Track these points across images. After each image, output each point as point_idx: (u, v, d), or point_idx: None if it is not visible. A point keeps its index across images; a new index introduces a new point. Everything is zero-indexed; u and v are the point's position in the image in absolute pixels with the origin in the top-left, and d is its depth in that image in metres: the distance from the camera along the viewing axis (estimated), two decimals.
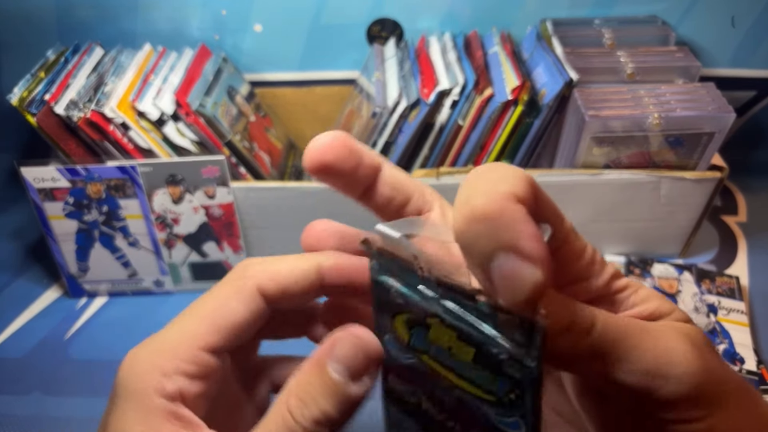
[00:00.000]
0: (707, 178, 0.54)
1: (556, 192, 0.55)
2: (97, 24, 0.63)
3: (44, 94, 0.52)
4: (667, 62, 0.56)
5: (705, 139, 0.52)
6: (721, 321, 0.51)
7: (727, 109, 0.51)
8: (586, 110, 0.51)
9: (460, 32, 0.63)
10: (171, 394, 0.22)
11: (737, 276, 0.56)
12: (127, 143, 0.53)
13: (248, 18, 0.63)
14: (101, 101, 0.53)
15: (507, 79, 0.55)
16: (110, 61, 0.58)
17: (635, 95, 0.53)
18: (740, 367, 0.47)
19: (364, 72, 0.63)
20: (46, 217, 0.55)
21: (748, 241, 0.63)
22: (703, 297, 0.53)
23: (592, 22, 0.62)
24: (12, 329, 0.57)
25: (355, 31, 0.64)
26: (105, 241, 0.57)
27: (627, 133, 0.52)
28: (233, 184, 0.55)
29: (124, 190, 0.54)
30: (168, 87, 0.55)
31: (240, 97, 0.62)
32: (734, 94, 0.63)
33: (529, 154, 0.57)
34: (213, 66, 0.60)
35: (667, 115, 0.51)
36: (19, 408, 0.50)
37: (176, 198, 0.55)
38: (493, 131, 0.55)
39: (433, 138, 0.56)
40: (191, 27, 0.64)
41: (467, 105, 0.54)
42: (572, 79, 0.53)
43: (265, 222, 0.57)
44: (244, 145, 0.58)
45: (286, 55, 0.66)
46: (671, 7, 0.62)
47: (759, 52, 0.63)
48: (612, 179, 0.54)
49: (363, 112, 0.58)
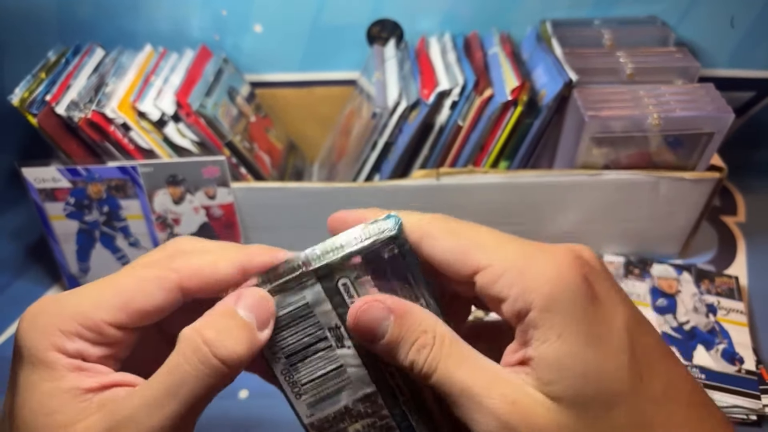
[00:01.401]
0: (706, 178, 0.54)
1: (556, 192, 0.55)
2: (97, 24, 0.63)
3: (45, 95, 0.52)
4: (666, 63, 0.57)
5: (704, 140, 0.52)
6: (721, 321, 0.51)
7: (726, 109, 0.51)
8: (586, 111, 0.51)
9: (460, 33, 0.64)
10: (71, 353, 0.23)
11: (736, 276, 0.56)
12: (128, 144, 0.54)
13: (248, 18, 0.63)
14: (102, 102, 0.53)
15: (507, 79, 0.55)
16: (111, 61, 0.59)
17: (635, 96, 0.53)
18: (740, 366, 0.47)
19: (364, 73, 0.63)
20: (47, 218, 0.55)
21: (747, 241, 0.63)
22: (702, 297, 0.54)
23: (592, 22, 0.62)
24: (13, 329, 0.57)
25: (355, 32, 0.64)
26: (106, 242, 0.57)
27: (626, 134, 0.52)
28: (234, 185, 0.55)
29: (124, 190, 0.54)
30: (169, 88, 0.55)
31: (240, 98, 0.62)
32: (733, 95, 0.63)
33: (529, 154, 0.57)
34: (213, 67, 0.60)
35: (667, 116, 0.51)
36: None
37: (177, 198, 0.55)
38: (492, 132, 0.55)
39: (433, 138, 0.56)
40: (192, 27, 0.64)
41: (467, 105, 0.55)
42: (572, 80, 0.53)
43: (266, 222, 0.57)
44: (244, 146, 0.58)
45: (287, 56, 0.66)
46: (670, 8, 0.62)
47: (758, 52, 0.63)
48: (611, 179, 0.54)
49: (363, 113, 0.59)
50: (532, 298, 0.23)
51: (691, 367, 0.48)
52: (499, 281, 0.24)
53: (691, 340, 0.50)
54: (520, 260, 0.24)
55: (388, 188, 0.55)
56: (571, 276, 0.23)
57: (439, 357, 0.24)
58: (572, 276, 0.23)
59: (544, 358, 0.23)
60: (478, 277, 0.24)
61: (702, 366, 0.47)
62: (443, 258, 0.25)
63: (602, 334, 0.23)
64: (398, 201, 0.55)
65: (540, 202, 0.56)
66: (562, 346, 0.22)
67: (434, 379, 0.24)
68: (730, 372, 0.47)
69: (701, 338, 0.50)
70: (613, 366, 0.22)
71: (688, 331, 0.50)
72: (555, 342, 0.22)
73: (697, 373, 0.47)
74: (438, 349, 0.24)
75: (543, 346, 0.23)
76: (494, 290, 0.24)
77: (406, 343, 0.24)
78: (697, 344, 0.49)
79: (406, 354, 0.24)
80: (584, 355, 0.22)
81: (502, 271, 0.24)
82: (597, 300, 0.23)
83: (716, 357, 0.48)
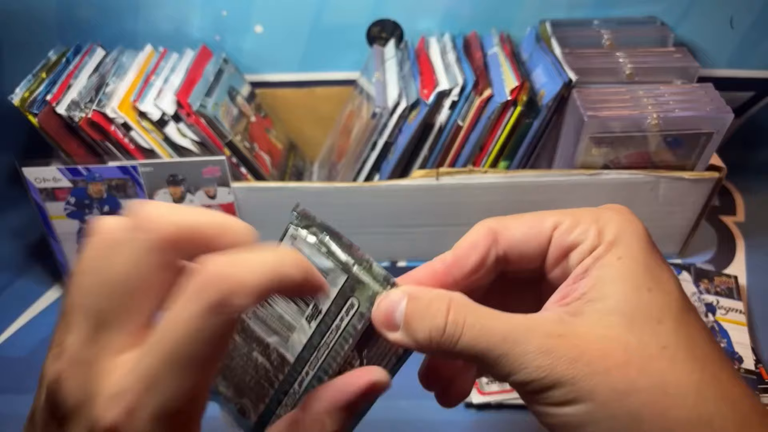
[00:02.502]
0: (705, 178, 0.54)
1: (556, 192, 0.55)
2: (98, 24, 0.63)
3: (46, 95, 0.53)
4: (665, 63, 0.57)
5: (703, 140, 0.52)
6: (720, 320, 0.51)
7: (726, 109, 0.51)
8: (585, 111, 0.51)
9: (460, 33, 0.64)
10: None
11: (735, 275, 0.56)
12: (129, 143, 0.54)
13: (249, 19, 0.63)
14: (103, 102, 0.53)
15: (506, 79, 0.55)
16: (111, 61, 0.59)
17: (634, 96, 0.53)
18: (739, 366, 0.47)
19: (364, 73, 0.63)
20: (48, 217, 0.55)
21: (746, 241, 0.63)
22: (701, 296, 0.54)
23: (591, 22, 0.62)
24: (14, 328, 0.57)
25: (355, 32, 0.64)
26: None
27: (626, 134, 0.52)
28: (234, 185, 0.55)
29: (125, 190, 0.54)
30: (169, 87, 0.56)
31: (241, 98, 0.62)
32: (732, 95, 0.63)
33: (528, 154, 0.57)
34: (214, 67, 0.60)
35: (666, 116, 0.51)
36: (22, 407, 0.49)
37: (177, 198, 0.55)
38: (492, 132, 0.56)
39: (432, 138, 0.56)
40: (192, 28, 0.64)
41: (467, 105, 0.55)
42: (571, 80, 0.53)
43: (266, 222, 0.57)
44: (244, 146, 0.58)
45: (287, 56, 0.66)
46: (670, 8, 0.62)
47: (757, 52, 0.63)
48: (611, 179, 0.54)
49: (363, 113, 0.59)
50: (604, 236, 0.25)
51: None
52: (576, 230, 0.26)
53: None
54: (590, 214, 0.26)
55: (387, 188, 0.55)
56: (636, 225, 0.25)
57: (463, 316, 0.23)
58: (637, 225, 0.26)
59: (602, 278, 0.24)
60: (556, 233, 0.26)
61: None
62: (524, 235, 0.27)
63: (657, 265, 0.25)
64: (398, 201, 0.55)
65: (539, 202, 0.56)
66: (621, 265, 0.24)
67: (464, 339, 0.23)
68: None
69: None
70: (666, 288, 0.24)
71: None
72: (615, 263, 0.24)
73: None
74: (458, 310, 0.24)
75: (602, 269, 0.24)
76: (570, 238, 0.26)
77: (420, 317, 0.24)
78: None
79: (423, 328, 0.24)
80: (641, 274, 0.24)
81: (576, 222, 0.26)
82: (654, 248, 0.25)
83: None
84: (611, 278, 0.24)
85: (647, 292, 0.23)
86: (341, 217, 0.56)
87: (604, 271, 0.24)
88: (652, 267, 0.24)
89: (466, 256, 0.26)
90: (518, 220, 0.27)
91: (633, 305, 0.23)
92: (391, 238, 0.58)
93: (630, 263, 0.24)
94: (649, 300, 0.23)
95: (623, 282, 0.24)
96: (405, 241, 0.59)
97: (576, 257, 0.25)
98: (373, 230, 0.58)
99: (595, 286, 0.24)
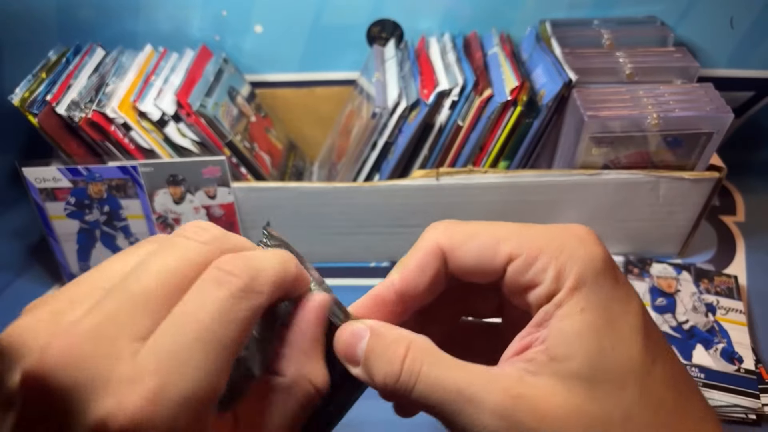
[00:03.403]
0: (705, 178, 0.54)
1: (555, 192, 0.55)
2: (98, 24, 0.63)
3: (46, 95, 0.53)
4: (665, 63, 0.57)
5: (703, 140, 0.52)
6: (720, 320, 0.51)
7: (726, 109, 0.51)
8: (585, 110, 0.51)
9: (460, 33, 0.64)
10: None
11: (735, 275, 0.56)
12: (129, 143, 0.54)
13: (249, 19, 0.63)
14: (102, 102, 0.53)
15: (506, 79, 0.55)
16: (111, 61, 0.59)
17: (634, 95, 0.53)
18: (739, 366, 0.47)
19: (364, 73, 0.63)
20: (48, 217, 0.55)
21: (746, 241, 0.63)
22: (701, 296, 0.54)
23: (591, 22, 0.62)
24: None
25: (355, 32, 0.64)
26: (106, 241, 0.57)
27: (626, 134, 0.52)
28: (234, 185, 0.55)
29: (125, 190, 0.54)
30: (169, 87, 0.56)
31: (241, 98, 0.62)
32: (732, 95, 0.63)
33: (528, 154, 0.57)
34: (214, 67, 0.60)
35: (666, 116, 0.51)
36: None
37: (177, 198, 0.55)
38: (492, 132, 0.56)
39: (432, 138, 0.56)
40: (192, 28, 0.64)
41: (467, 105, 0.55)
42: (571, 80, 0.53)
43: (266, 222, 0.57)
44: (244, 146, 0.58)
45: (287, 56, 0.66)
46: (670, 8, 0.62)
47: (757, 52, 0.63)
48: (611, 179, 0.54)
49: (363, 113, 0.59)
50: (565, 279, 0.23)
51: (690, 367, 0.48)
52: (532, 268, 0.24)
53: (690, 340, 0.50)
54: (550, 244, 0.24)
55: (387, 188, 0.55)
56: (599, 257, 0.23)
57: (420, 363, 0.23)
58: (600, 257, 0.23)
59: (564, 332, 0.22)
60: (510, 268, 0.24)
61: (701, 365, 0.48)
62: (475, 262, 0.25)
63: (621, 313, 0.23)
64: (398, 201, 0.55)
65: (539, 202, 0.56)
66: (583, 320, 0.22)
67: (418, 388, 0.22)
68: (729, 371, 0.47)
69: (700, 337, 0.50)
70: (629, 344, 0.22)
71: (687, 331, 0.51)
72: (577, 316, 0.22)
73: (696, 373, 0.47)
74: (416, 356, 0.23)
75: (564, 321, 0.23)
76: (527, 277, 0.24)
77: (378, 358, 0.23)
78: (697, 343, 0.49)
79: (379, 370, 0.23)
80: (603, 330, 0.22)
81: (533, 258, 0.24)
82: (618, 282, 0.23)
83: (715, 356, 0.48)
84: (574, 334, 0.22)
85: (611, 351, 0.22)
86: (341, 217, 0.56)
87: (566, 323, 0.22)
88: (615, 309, 0.23)
89: (414, 282, 0.26)
90: (470, 241, 0.25)
91: (596, 368, 0.22)
92: (391, 238, 0.58)
93: (592, 317, 0.22)
94: (613, 361, 0.22)
95: (587, 340, 0.22)
96: (405, 241, 0.59)
97: (534, 300, 0.24)
98: (373, 230, 0.58)
99: (557, 342, 0.22)
